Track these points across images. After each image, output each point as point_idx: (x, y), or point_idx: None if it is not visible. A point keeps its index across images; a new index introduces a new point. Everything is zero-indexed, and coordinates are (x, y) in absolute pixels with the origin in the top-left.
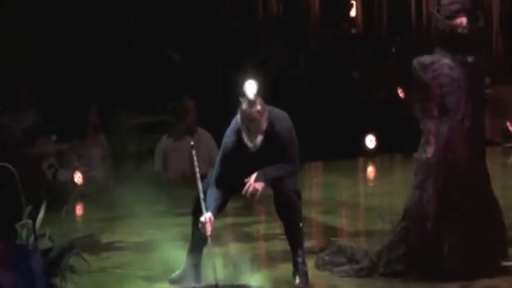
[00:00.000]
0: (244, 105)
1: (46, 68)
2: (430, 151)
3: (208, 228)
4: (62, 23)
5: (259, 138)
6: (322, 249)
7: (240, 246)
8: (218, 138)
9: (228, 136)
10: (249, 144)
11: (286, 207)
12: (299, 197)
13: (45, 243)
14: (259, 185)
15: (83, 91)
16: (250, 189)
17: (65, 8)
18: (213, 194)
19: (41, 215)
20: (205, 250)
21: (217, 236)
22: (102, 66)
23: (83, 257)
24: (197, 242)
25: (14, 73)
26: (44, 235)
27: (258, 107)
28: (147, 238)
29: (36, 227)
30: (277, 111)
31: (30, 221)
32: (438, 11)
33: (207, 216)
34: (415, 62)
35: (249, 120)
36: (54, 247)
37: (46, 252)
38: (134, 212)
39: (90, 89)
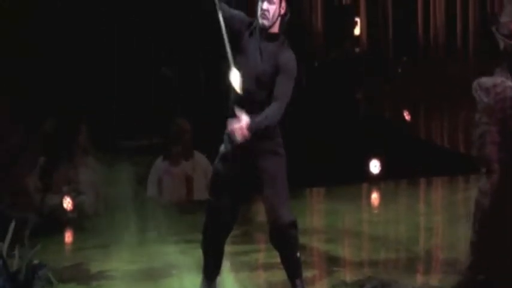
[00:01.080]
0: None
1: (33, 86)
2: (493, 180)
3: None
4: (56, 44)
5: (272, 15)
6: (361, 285)
7: (239, 276)
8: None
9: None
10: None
11: (282, 241)
12: (295, 227)
13: (15, 264)
14: (247, 134)
15: (73, 111)
16: (240, 132)
17: (56, 33)
18: None
19: (9, 235)
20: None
21: None
22: (96, 87)
23: (50, 278)
24: (210, 271)
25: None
26: (14, 254)
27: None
28: (140, 266)
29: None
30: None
31: (0, 244)
32: (497, 29)
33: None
34: (475, 84)
35: None
36: (22, 269)
37: (16, 273)
38: (126, 239)
39: (82, 110)
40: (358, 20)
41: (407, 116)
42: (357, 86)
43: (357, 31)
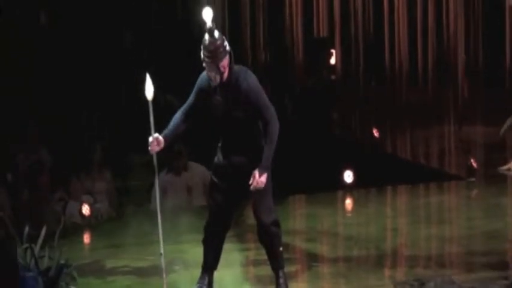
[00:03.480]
0: (205, 36)
1: (54, 107)
2: None
3: (154, 148)
4: (69, 64)
5: (218, 77)
6: (422, 283)
7: (231, 271)
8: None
9: (200, 78)
10: (211, 82)
11: (266, 237)
12: (278, 226)
13: (45, 264)
14: (264, 177)
15: (88, 131)
16: (255, 184)
17: (71, 50)
18: (174, 119)
19: (41, 238)
20: (216, 273)
21: None
22: (110, 112)
23: (74, 275)
24: (208, 265)
25: (22, 110)
26: (44, 256)
27: (217, 41)
28: (149, 263)
29: (36, 250)
30: (240, 67)
31: (33, 246)
32: None
33: (154, 136)
34: None
35: (207, 50)
36: (52, 266)
37: (46, 271)
38: (135, 240)
39: (96, 129)
40: (333, 51)
41: (375, 133)
42: (332, 108)
43: (332, 61)
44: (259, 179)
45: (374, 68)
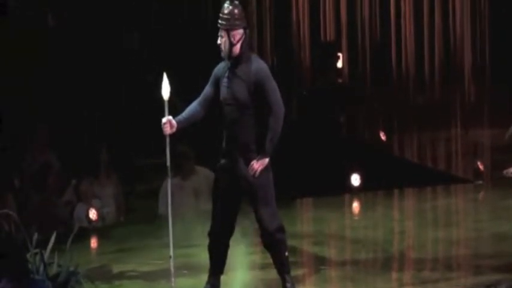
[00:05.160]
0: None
1: (57, 107)
2: None
3: (167, 129)
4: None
5: (227, 48)
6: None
7: (238, 274)
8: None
9: (217, 67)
10: (222, 54)
11: (271, 244)
12: (283, 231)
13: (54, 269)
14: (261, 164)
15: (93, 133)
16: (251, 170)
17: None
18: (190, 106)
19: (50, 245)
20: (223, 277)
21: None
22: (115, 112)
23: (81, 281)
24: (215, 269)
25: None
26: (53, 262)
27: (235, 9)
28: (156, 268)
29: (46, 256)
30: (254, 54)
31: (42, 251)
32: None
33: (167, 118)
34: None
35: (222, 13)
36: (62, 272)
37: (55, 277)
38: (143, 244)
39: (101, 131)
40: (340, 54)
41: (383, 136)
42: (339, 111)
43: (339, 64)
44: (256, 164)
45: (381, 71)
